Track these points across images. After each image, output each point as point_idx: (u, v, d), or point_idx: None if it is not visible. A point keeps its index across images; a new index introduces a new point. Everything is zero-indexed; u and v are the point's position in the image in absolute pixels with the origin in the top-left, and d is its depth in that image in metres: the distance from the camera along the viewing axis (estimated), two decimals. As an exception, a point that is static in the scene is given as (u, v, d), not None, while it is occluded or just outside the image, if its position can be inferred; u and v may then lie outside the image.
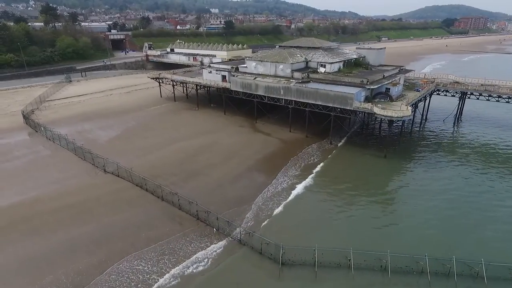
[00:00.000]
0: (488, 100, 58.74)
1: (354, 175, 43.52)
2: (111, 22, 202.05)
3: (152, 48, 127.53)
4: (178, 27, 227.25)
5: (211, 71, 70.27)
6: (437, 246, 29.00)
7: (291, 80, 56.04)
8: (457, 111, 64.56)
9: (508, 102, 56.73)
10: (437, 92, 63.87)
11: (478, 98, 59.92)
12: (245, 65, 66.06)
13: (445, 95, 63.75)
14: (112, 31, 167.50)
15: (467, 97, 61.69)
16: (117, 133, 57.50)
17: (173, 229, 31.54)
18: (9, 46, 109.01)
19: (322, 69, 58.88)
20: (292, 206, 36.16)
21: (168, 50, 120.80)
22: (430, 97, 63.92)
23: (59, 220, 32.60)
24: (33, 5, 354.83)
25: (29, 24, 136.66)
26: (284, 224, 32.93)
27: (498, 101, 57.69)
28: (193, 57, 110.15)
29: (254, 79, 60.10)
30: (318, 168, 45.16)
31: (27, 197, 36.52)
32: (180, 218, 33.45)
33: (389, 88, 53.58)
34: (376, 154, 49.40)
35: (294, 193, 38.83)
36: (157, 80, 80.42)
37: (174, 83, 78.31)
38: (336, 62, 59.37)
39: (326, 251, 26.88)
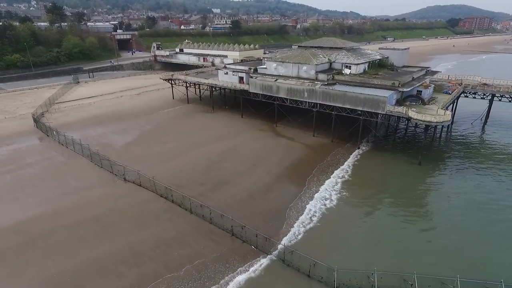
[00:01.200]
0: (522, 102, 56.03)
1: (389, 184, 40.85)
2: (117, 22, 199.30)
3: (160, 48, 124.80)
4: (182, 27, 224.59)
5: (227, 72, 67.53)
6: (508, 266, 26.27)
7: (315, 82, 53.30)
8: (486, 114, 61.76)
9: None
10: (466, 94, 61.14)
11: (510, 101, 57.15)
12: (263, 66, 63.31)
13: (474, 97, 60.99)
14: (118, 31, 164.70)
15: (498, 99, 58.88)
16: (133, 138, 54.78)
17: (207, 247, 28.80)
18: (15, 46, 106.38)
19: (347, 71, 56.13)
20: (330, 219, 33.44)
21: (177, 50, 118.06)
22: (457, 100, 61.16)
23: (82, 236, 29.89)
24: (35, 5, 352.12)
25: (34, 24, 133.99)
26: (325, 240, 30.23)
27: (533, 104, 54.97)
28: (203, 58, 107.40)
29: (275, 80, 57.40)
30: (349, 176, 42.42)
31: (45, 210, 33.83)
32: (213, 233, 30.71)
33: (421, 91, 50.86)
34: (409, 160, 46.60)
35: (328, 204, 36.07)
36: (169, 81, 77.71)
37: (188, 85, 75.60)
38: (362, 63, 56.61)
39: (384, 274, 24.13)
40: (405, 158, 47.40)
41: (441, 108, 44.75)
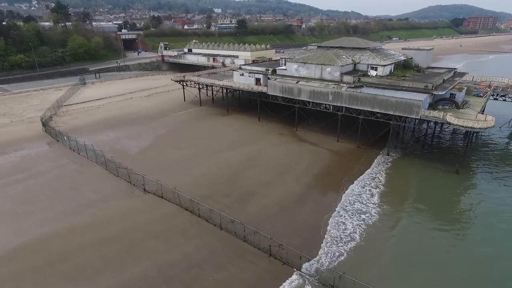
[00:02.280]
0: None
1: (429, 195, 37.92)
2: (120, 22, 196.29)
3: (168, 49, 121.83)
4: (186, 26, 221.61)
5: (243, 74, 64.64)
6: None
7: (341, 85, 50.41)
8: (516, 118, 58.89)
9: None
10: (495, 96, 58.27)
11: (545, 104, 54.30)
12: (283, 67, 60.42)
13: (504, 100, 58.11)
14: (123, 30, 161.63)
15: (531, 102, 56.06)
16: (148, 143, 51.87)
17: (245, 270, 25.92)
18: (19, 46, 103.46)
19: (373, 72, 53.18)
20: (372, 236, 30.52)
21: (186, 50, 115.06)
22: (486, 102, 58.21)
23: (104, 257, 26.99)
24: (36, 5, 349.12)
25: (38, 23, 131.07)
26: (371, 261, 27.45)
27: None
28: (213, 58, 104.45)
29: (297, 82, 54.52)
30: (384, 186, 39.50)
31: (61, 225, 30.95)
32: (247, 253, 27.81)
33: (454, 94, 47.98)
34: (444, 168, 43.62)
35: (368, 219, 33.09)
36: (181, 82, 74.83)
37: (200, 86, 72.70)
38: (388, 64, 53.63)
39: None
40: (440, 166, 44.40)
41: (482, 113, 41.82)
